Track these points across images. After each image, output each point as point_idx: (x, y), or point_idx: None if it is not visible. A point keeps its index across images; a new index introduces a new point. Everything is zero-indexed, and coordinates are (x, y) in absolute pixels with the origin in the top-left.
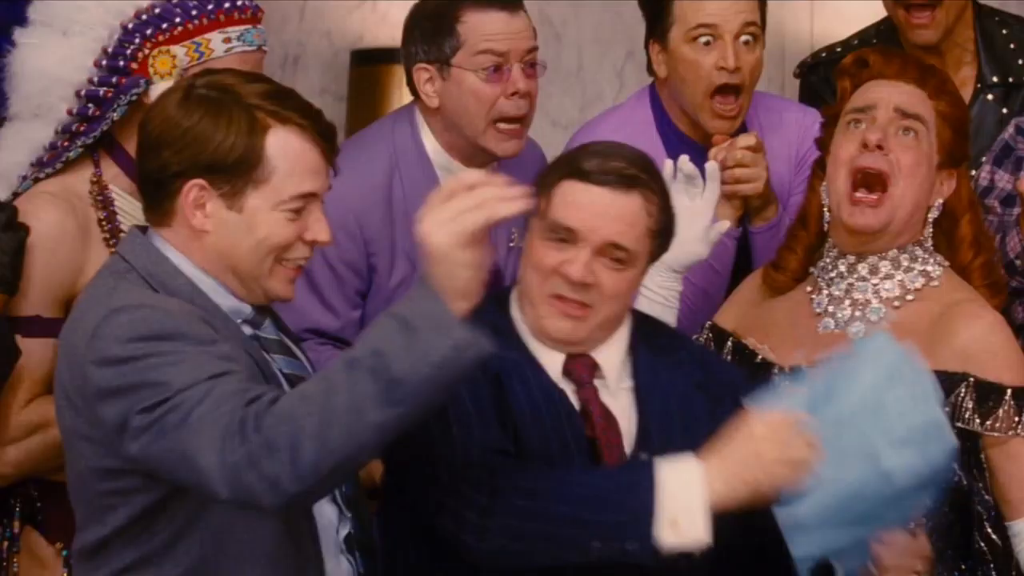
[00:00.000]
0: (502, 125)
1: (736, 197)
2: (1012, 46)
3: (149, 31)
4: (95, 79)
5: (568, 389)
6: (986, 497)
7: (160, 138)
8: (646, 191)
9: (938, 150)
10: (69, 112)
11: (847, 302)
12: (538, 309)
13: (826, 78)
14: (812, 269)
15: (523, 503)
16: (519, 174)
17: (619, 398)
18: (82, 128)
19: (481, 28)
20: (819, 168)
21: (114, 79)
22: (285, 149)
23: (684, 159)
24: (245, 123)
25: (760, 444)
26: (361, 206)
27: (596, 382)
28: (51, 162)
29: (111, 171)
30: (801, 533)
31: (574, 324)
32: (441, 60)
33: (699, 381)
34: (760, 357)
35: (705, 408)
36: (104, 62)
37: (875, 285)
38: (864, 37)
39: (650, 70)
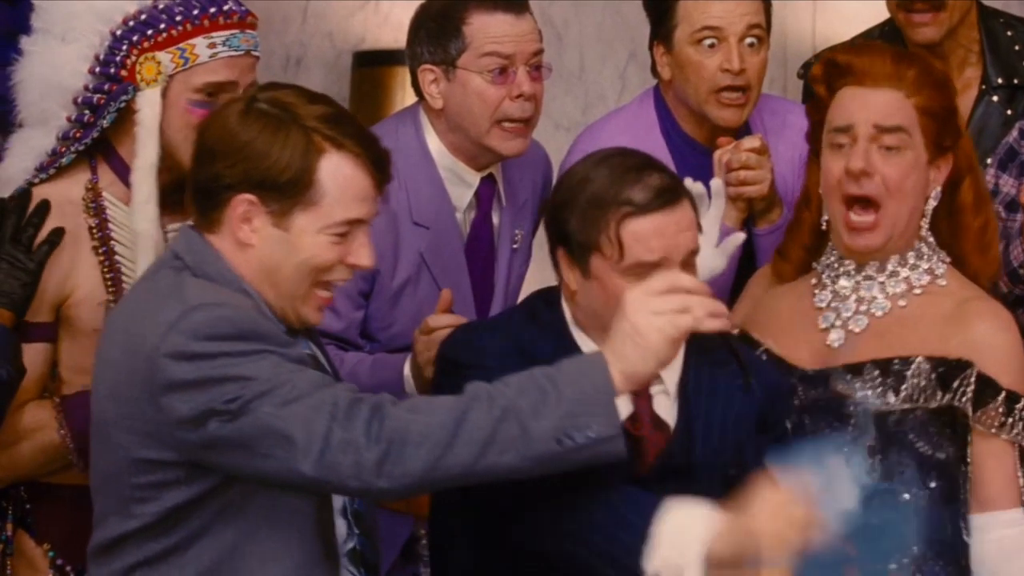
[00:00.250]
0: (506, 123)
1: (741, 199)
2: (1017, 47)
3: (135, 37)
4: (90, 86)
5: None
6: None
7: (215, 149)
8: (685, 190)
9: (926, 147)
10: (68, 119)
11: (852, 298)
12: None
13: None
14: (815, 264)
15: (542, 517)
16: (524, 174)
17: (671, 402)
18: (79, 134)
19: (487, 30)
20: (815, 154)
21: (106, 86)
22: (337, 174)
23: (688, 181)
24: (301, 145)
25: (761, 512)
26: None
27: (653, 388)
28: (47, 167)
29: (107, 178)
30: None
31: None
32: (446, 62)
33: (743, 384)
34: (763, 349)
35: (748, 411)
36: (97, 69)
37: (881, 283)
38: (868, 37)
39: (654, 72)
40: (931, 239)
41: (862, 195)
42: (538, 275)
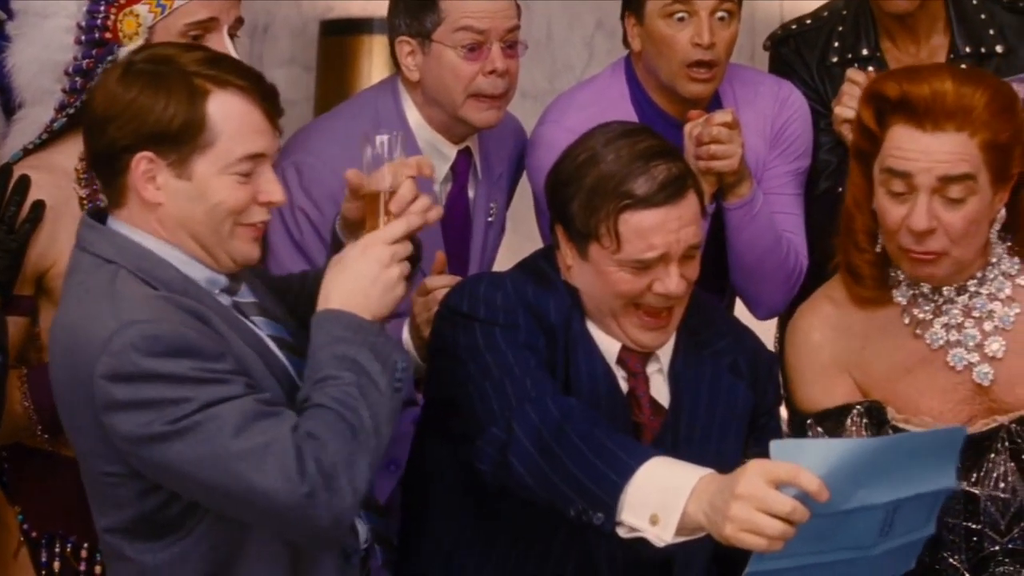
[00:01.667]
0: (480, 96)
1: (711, 173)
2: (983, 16)
3: None
4: (79, 55)
5: (619, 374)
6: None
7: (104, 115)
8: (693, 181)
9: (991, 181)
10: (63, 90)
11: (969, 323)
12: (622, 322)
13: (796, 50)
14: (900, 297)
15: (535, 450)
16: (499, 147)
17: (665, 382)
18: (72, 100)
19: (462, 5)
20: (859, 162)
21: (94, 51)
22: (227, 112)
23: None
24: (184, 90)
25: (738, 498)
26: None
27: (650, 368)
28: (40, 135)
29: None
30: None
31: (660, 333)
32: (422, 34)
33: (732, 363)
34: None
35: (736, 390)
36: (83, 37)
37: (990, 294)
38: (833, 8)
39: (626, 43)
40: (1001, 247)
41: (927, 251)
42: (511, 247)
